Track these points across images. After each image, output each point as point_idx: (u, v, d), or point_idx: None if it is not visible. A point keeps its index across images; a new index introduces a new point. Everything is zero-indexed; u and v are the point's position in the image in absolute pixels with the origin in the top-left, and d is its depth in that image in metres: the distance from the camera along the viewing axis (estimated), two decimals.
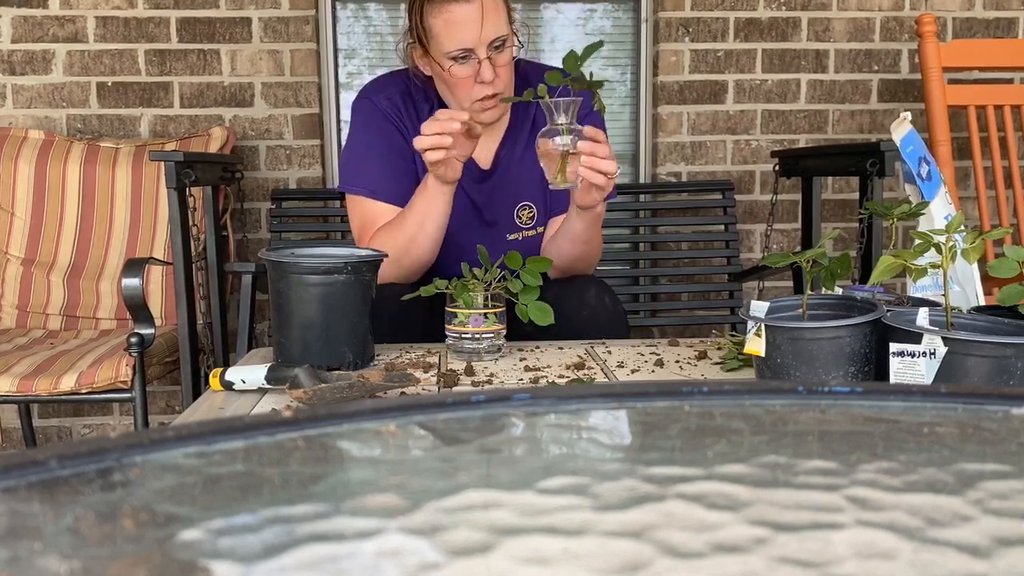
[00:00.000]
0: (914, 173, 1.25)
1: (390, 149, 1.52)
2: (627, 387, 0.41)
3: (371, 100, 1.55)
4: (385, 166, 1.52)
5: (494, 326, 1.24)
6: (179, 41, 2.49)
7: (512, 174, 1.57)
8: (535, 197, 1.57)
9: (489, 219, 1.57)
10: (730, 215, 2.53)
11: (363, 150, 1.54)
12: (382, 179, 1.52)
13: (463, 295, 1.22)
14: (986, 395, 0.39)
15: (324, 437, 0.35)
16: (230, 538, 0.26)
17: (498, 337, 1.26)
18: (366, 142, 1.54)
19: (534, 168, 1.57)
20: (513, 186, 1.57)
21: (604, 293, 1.50)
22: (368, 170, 1.53)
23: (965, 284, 1.19)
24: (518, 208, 1.58)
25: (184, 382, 2.00)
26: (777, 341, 0.95)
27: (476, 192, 1.56)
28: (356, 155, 1.55)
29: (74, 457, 0.31)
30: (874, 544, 0.26)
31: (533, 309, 1.24)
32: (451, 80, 1.43)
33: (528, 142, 1.55)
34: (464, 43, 1.39)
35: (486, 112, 1.46)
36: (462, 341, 1.24)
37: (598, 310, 1.47)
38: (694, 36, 2.58)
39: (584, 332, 1.43)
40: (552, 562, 0.25)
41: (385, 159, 1.52)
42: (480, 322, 1.23)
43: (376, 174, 1.52)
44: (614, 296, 1.52)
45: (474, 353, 1.25)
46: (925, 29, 2.26)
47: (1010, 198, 2.40)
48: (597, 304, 1.47)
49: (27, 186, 2.31)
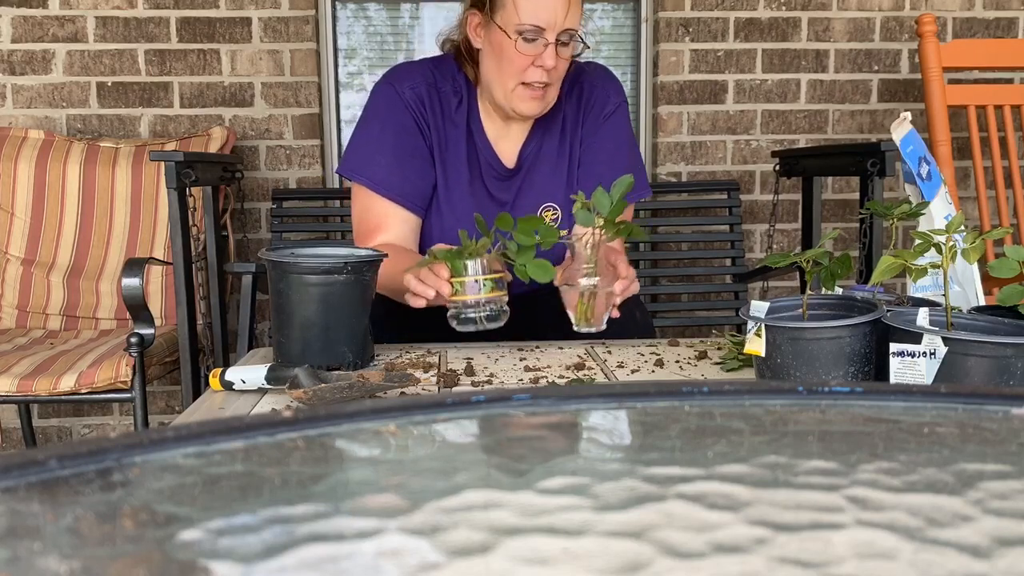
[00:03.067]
0: (914, 173, 1.25)
1: (405, 144, 1.47)
2: (627, 387, 0.41)
3: (394, 88, 1.48)
4: (396, 162, 1.47)
5: (492, 293, 1.19)
6: (179, 41, 2.49)
7: (537, 174, 1.52)
8: (559, 199, 1.53)
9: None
10: (735, 215, 2.53)
11: (377, 140, 1.48)
12: (391, 175, 1.46)
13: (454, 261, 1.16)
14: (986, 395, 0.39)
15: (324, 437, 0.35)
16: (230, 538, 0.26)
17: (499, 304, 1.20)
18: (381, 132, 1.48)
19: (560, 168, 1.54)
20: (538, 186, 1.52)
21: (635, 308, 1.48)
22: (379, 162, 1.47)
23: (965, 284, 1.19)
24: (541, 209, 1.53)
25: (184, 382, 2.00)
26: (777, 341, 0.95)
27: (500, 191, 1.51)
28: (368, 143, 1.49)
29: (74, 457, 0.31)
30: (874, 544, 0.26)
31: (532, 268, 1.17)
32: (511, 54, 1.37)
33: (556, 140, 1.52)
34: (540, 20, 1.34)
35: (529, 102, 1.41)
36: (462, 311, 1.19)
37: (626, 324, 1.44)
38: (694, 36, 2.58)
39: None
40: (552, 562, 0.25)
41: (398, 154, 1.47)
42: (476, 289, 1.18)
43: (386, 169, 1.47)
44: (644, 309, 1.50)
45: (474, 322, 1.19)
46: (925, 29, 2.26)
47: (1010, 198, 2.40)
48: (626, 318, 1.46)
49: (27, 186, 2.31)
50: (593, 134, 1.53)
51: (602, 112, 1.53)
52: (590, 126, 1.53)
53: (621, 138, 1.55)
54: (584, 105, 1.53)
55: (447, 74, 1.50)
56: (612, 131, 1.54)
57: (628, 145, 1.57)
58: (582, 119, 1.53)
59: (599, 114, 1.53)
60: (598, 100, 1.53)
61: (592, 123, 1.53)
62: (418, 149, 1.47)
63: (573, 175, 1.53)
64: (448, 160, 1.49)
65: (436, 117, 1.48)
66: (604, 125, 1.53)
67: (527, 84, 1.39)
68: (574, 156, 1.53)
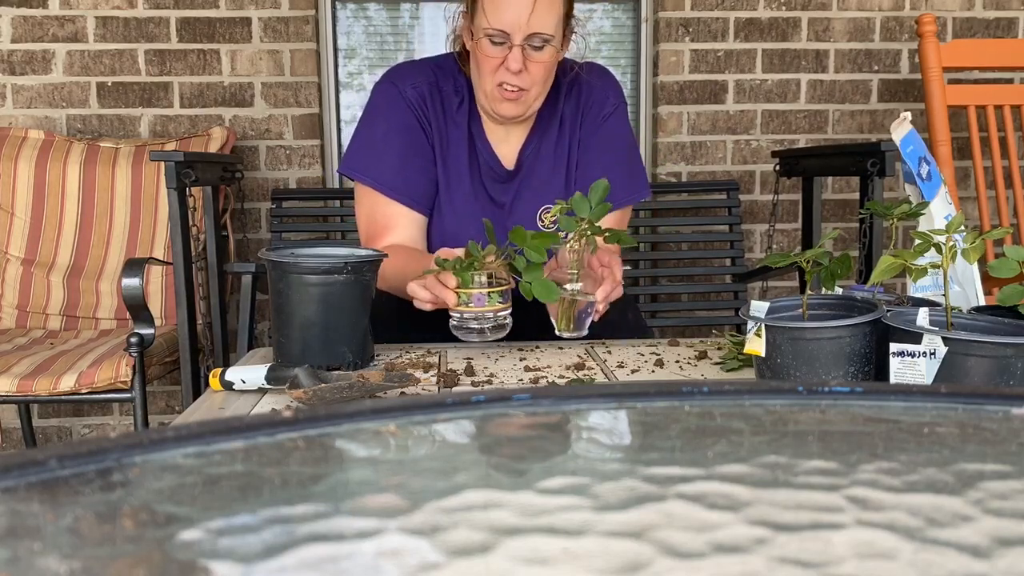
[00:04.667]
0: (914, 173, 1.25)
1: (409, 143, 1.45)
2: (627, 387, 0.41)
3: (396, 86, 1.46)
4: (401, 162, 1.45)
5: (497, 305, 1.19)
6: (179, 41, 2.49)
7: (536, 175, 1.51)
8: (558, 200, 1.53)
9: (511, 223, 1.48)
10: (735, 215, 2.53)
11: (381, 140, 1.46)
12: (396, 176, 1.45)
13: (462, 273, 1.16)
14: (986, 395, 0.39)
15: (324, 437, 0.35)
16: (230, 538, 0.26)
17: (503, 316, 1.20)
18: (385, 131, 1.46)
19: (558, 169, 1.52)
20: (536, 187, 1.51)
21: (628, 308, 1.48)
22: (383, 163, 1.45)
23: (965, 284, 1.19)
24: (540, 211, 1.51)
25: (184, 382, 2.00)
26: (777, 341, 0.95)
27: (499, 192, 1.50)
28: (372, 143, 1.47)
29: (74, 457, 0.31)
30: (874, 544, 0.26)
31: (538, 287, 1.16)
32: (481, 57, 1.37)
33: (554, 142, 1.51)
34: (504, 24, 1.33)
35: (505, 104, 1.40)
36: (466, 321, 1.19)
37: (619, 325, 1.44)
38: (694, 36, 2.58)
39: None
40: (552, 562, 0.25)
41: (402, 154, 1.45)
42: (482, 301, 1.17)
43: (391, 169, 1.45)
44: (637, 311, 1.50)
45: (478, 333, 1.19)
46: (925, 29, 2.26)
47: (1010, 198, 2.40)
48: (618, 319, 1.45)
49: (27, 186, 2.31)
50: (592, 135, 1.52)
51: (600, 113, 1.52)
52: (588, 127, 1.52)
53: (620, 139, 1.54)
54: (583, 106, 1.52)
55: (448, 74, 1.49)
56: (611, 132, 1.53)
57: (627, 146, 1.56)
58: (581, 120, 1.52)
59: (597, 115, 1.52)
60: (596, 101, 1.52)
61: (591, 124, 1.52)
62: (422, 148, 1.46)
63: (572, 176, 1.52)
64: (449, 160, 1.49)
65: (438, 117, 1.47)
66: (603, 126, 1.52)
67: (501, 86, 1.38)
68: (572, 157, 1.52)
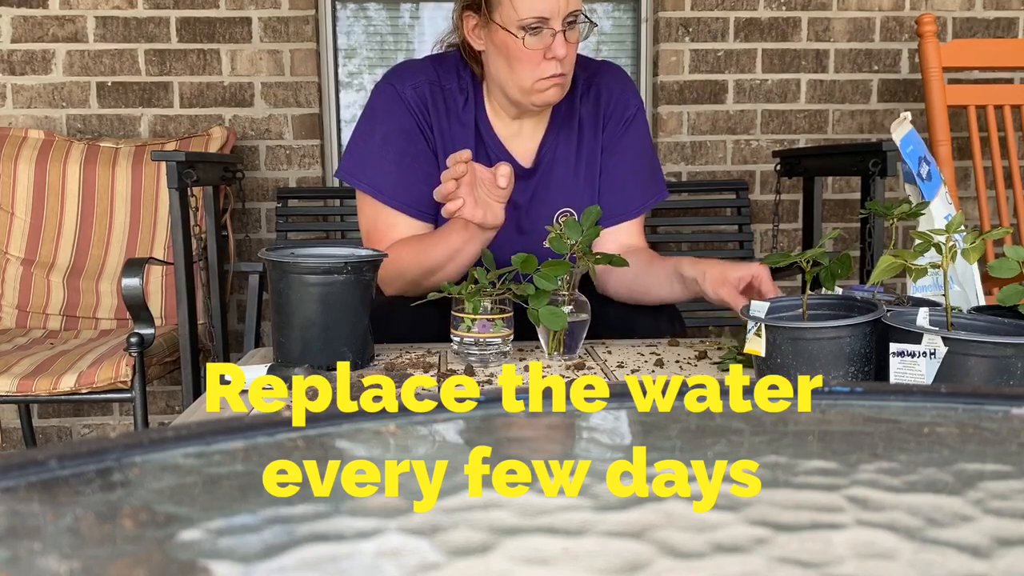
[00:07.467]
0: (914, 173, 1.25)
1: (407, 149, 1.42)
2: (624, 387, 0.41)
3: (395, 88, 1.42)
4: (399, 169, 1.42)
5: (502, 332, 1.19)
6: (179, 41, 2.49)
7: (554, 176, 1.48)
8: (576, 203, 1.48)
9: (527, 225, 1.47)
10: (744, 215, 2.53)
11: (379, 145, 1.43)
12: (396, 185, 1.42)
13: (472, 300, 1.16)
14: (986, 395, 0.39)
15: (324, 437, 0.35)
16: (230, 538, 0.26)
17: (505, 343, 1.21)
18: (383, 138, 1.43)
19: (577, 171, 1.50)
20: (554, 188, 1.48)
21: (675, 320, 1.49)
22: (381, 170, 1.42)
23: (965, 284, 1.19)
24: (558, 215, 1.48)
25: (184, 382, 2.00)
26: (777, 341, 0.95)
27: (516, 192, 1.44)
28: (371, 148, 1.44)
29: (74, 457, 0.31)
30: (874, 544, 0.26)
31: (545, 314, 1.16)
32: (519, 53, 1.31)
33: (573, 142, 1.48)
34: (541, 11, 1.28)
35: (549, 91, 1.35)
36: (467, 347, 1.20)
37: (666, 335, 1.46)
38: (694, 36, 2.58)
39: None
40: (552, 562, 0.25)
41: (400, 161, 1.41)
42: (488, 328, 1.18)
43: (389, 178, 1.42)
44: (683, 323, 1.51)
45: (480, 359, 1.20)
46: (925, 29, 2.26)
47: (1010, 198, 2.40)
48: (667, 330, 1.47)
49: (27, 186, 2.31)
50: (617, 141, 1.50)
51: (623, 118, 1.50)
52: (611, 132, 1.50)
53: (642, 144, 1.53)
54: (603, 110, 1.50)
55: (451, 71, 1.46)
56: (633, 138, 1.51)
57: (649, 151, 1.56)
58: (603, 124, 1.50)
59: (620, 120, 1.50)
60: (618, 106, 1.50)
61: (613, 129, 1.50)
62: (421, 153, 1.43)
63: (592, 180, 1.50)
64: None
65: (440, 116, 1.43)
66: (626, 133, 1.50)
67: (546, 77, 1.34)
68: (593, 161, 1.50)
